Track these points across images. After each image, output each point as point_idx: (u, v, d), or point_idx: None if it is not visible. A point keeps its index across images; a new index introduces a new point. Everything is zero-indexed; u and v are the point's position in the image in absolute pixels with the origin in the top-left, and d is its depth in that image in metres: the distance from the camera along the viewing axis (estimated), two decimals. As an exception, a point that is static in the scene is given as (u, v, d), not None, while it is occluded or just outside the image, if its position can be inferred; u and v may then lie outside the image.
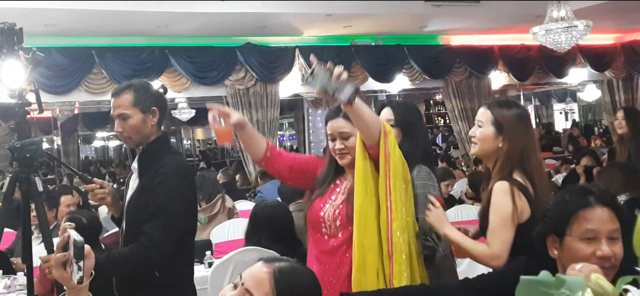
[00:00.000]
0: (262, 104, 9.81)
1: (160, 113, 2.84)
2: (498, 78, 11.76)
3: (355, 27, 9.67)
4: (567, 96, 18.23)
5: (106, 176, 13.70)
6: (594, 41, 11.71)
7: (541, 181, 2.52)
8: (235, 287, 1.71)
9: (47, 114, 12.72)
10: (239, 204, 6.95)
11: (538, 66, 11.89)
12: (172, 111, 12.00)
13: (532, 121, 12.06)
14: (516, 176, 2.47)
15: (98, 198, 2.94)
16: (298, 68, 10.10)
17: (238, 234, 5.21)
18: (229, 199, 6.20)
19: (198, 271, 3.98)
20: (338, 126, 2.63)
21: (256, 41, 9.79)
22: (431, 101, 18.16)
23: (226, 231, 5.56)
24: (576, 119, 18.77)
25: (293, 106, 14.44)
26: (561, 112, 19.73)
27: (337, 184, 2.68)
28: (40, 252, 2.88)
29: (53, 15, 7.50)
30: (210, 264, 4.47)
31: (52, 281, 3.17)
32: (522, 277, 1.08)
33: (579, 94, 16.24)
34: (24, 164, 2.85)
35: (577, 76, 12.67)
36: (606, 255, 1.94)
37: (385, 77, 10.60)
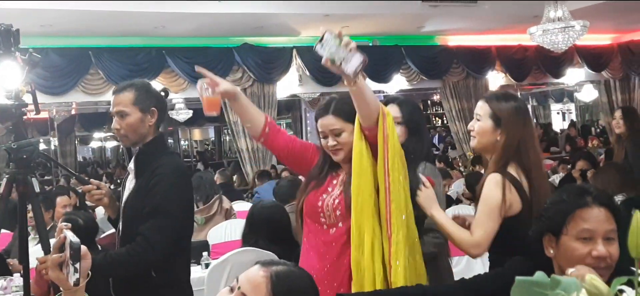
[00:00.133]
0: (260, 105, 9.79)
1: (159, 114, 2.83)
2: (495, 78, 11.77)
3: (352, 28, 9.64)
4: (565, 96, 18.23)
5: (103, 177, 13.68)
6: (591, 41, 11.74)
7: (539, 175, 2.52)
8: (231, 290, 1.69)
9: (44, 115, 12.73)
10: (236, 205, 6.94)
11: (535, 66, 11.91)
12: (169, 112, 11.99)
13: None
14: (511, 170, 2.48)
15: (95, 199, 2.94)
16: (295, 69, 10.11)
17: (235, 235, 5.21)
18: (227, 200, 6.20)
19: (195, 272, 3.99)
20: (328, 123, 2.59)
21: (253, 42, 9.79)
22: (428, 102, 18.15)
23: (223, 232, 5.56)
24: (573, 119, 18.79)
25: (290, 107, 14.45)
26: (558, 113, 19.73)
27: (334, 175, 2.66)
28: (36, 253, 2.87)
29: (50, 16, 7.49)
30: (207, 265, 4.47)
31: (49, 282, 3.18)
32: (517, 278, 1.09)
33: (576, 95, 16.25)
34: (21, 165, 2.85)
35: (574, 76, 12.70)
36: (602, 255, 1.94)
37: (382, 78, 10.60)
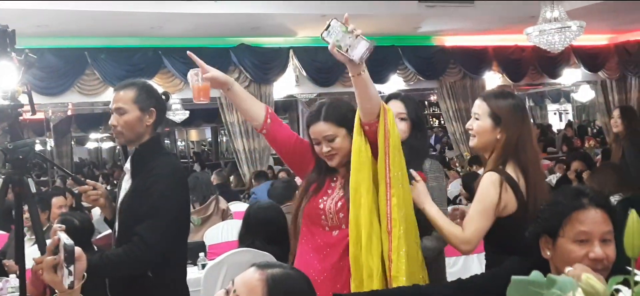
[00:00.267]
0: (257, 105, 9.76)
1: (157, 115, 2.83)
2: (492, 79, 11.77)
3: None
4: (561, 96, 18.27)
5: (99, 177, 13.68)
6: (588, 42, 11.75)
7: (536, 173, 2.51)
8: (227, 293, 1.67)
9: (40, 116, 12.70)
10: (233, 206, 6.94)
11: (532, 67, 11.92)
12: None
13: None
14: (508, 169, 2.47)
15: (91, 199, 2.93)
16: (292, 69, 10.09)
17: (232, 235, 5.20)
18: (223, 201, 6.20)
19: (191, 272, 3.97)
20: (320, 130, 2.57)
21: (250, 42, 9.77)
22: (425, 102, 18.16)
23: (220, 232, 5.55)
24: (570, 119, 18.82)
25: (288, 107, 14.46)
26: (555, 113, 19.78)
27: (332, 179, 2.65)
28: (33, 254, 2.86)
29: (45, 16, 7.47)
30: (203, 265, 4.46)
31: (45, 282, 3.17)
32: (513, 277, 1.08)
33: (573, 95, 16.28)
34: (17, 166, 2.84)
35: (571, 76, 12.71)
36: (598, 257, 1.94)
37: (379, 78, 10.56)
